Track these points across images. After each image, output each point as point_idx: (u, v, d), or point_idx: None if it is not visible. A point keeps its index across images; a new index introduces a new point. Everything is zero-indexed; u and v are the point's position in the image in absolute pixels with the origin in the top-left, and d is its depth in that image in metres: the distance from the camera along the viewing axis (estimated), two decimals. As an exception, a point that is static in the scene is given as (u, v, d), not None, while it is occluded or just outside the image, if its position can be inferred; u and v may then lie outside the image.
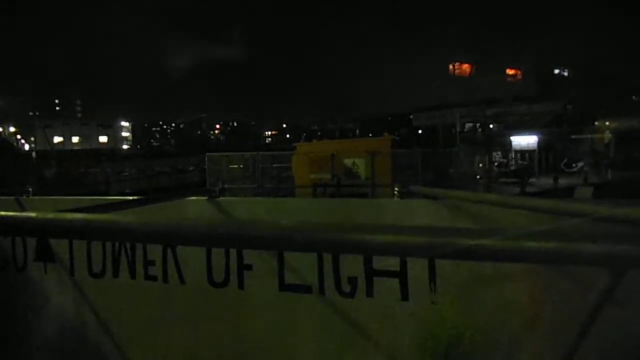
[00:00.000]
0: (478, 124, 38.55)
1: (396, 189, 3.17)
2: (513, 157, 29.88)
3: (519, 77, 56.85)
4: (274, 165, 17.66)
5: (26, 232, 1.98)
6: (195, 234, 0.94)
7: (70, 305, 3.50)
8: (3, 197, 3.74)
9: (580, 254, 0.86)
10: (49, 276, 3.57)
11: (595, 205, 2.07)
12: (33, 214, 1.06)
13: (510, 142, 31.29)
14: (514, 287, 2.38)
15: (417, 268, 2.56)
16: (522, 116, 38.01)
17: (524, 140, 30.82)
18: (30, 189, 3.92)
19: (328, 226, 0.87)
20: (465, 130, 38.47)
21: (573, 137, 29.88)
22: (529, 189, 19.91)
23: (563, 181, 21.73)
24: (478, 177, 21.03)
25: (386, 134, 16.06)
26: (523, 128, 33.18)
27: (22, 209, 3.56)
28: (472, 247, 0.93)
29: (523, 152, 30.10)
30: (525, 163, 28.25)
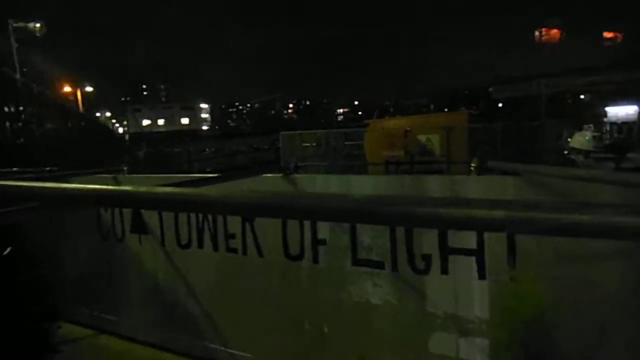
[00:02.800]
0: (568, 95, 35.35)
1: (473, 164, 3.03)
2: (608, 129, 27.12)
3: (619, 40, 50.68)
4: (346, 143, 17.65)
5: (124, 204, 2.17)
6: (272, 206, 0.98)
7: (162, 271, 3.86)
8: (103, 175, 4.15)
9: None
10: (143, 246, 3.95)
11: None
12: (129, 188, 1.17)
13: (604, 114, 28.44)
14: (603, 268, 2.20)
15: (494, 245, 2.46)
16: (621, 85, 34.19)
17: (622, 111, 27.84)
18: (125, 168, 4.33)
19: (400, 198, 0.86)
20: (552, 102, 35.49)
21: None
22: (626, 165, 18.01)
23: (668, 156, 19.40)
24: (566, 152, 19.43)
25: (463, 108, 15.22)
26: (621, 98, 29.91)
27: (119, 185, 3.94)
28: (557, 222, 0.86)
29: (620, 125, 27.23)
30: (622, 136, 25.53)
